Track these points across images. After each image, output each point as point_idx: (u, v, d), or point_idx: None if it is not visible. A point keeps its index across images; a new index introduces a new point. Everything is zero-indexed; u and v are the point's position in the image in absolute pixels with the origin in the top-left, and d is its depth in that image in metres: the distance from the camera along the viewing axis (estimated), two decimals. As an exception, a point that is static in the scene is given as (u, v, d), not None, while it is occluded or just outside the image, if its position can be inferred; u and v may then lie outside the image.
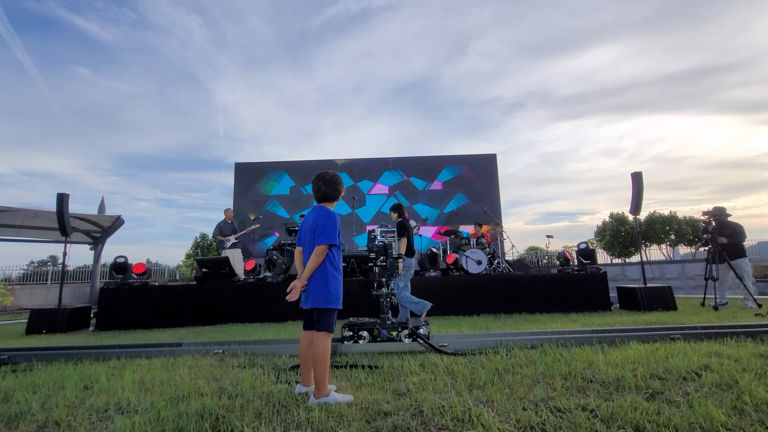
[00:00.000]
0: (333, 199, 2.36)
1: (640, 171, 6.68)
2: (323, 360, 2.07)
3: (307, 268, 2.16)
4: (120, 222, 13.75)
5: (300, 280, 2.17)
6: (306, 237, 2.27)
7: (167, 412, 1.91)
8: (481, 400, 1.99)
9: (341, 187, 2.38)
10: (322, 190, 2.32)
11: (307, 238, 2.26)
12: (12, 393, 2.38)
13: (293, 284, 2.17)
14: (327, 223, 2.19)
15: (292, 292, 2.15)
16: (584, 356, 2.77)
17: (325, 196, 2.33)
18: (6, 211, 10.61)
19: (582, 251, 6.72)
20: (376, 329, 3.52)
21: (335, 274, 2.22)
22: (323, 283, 2.17)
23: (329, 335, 2.15)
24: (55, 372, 2.91)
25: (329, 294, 2.16)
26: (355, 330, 3.53)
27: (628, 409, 1.76)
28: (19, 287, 13.67)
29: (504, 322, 5.11)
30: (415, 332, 3.44)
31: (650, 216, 17.49)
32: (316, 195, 2.35)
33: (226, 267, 6.47)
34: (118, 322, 5.94)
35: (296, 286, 2.15)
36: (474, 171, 13.69)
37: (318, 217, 2.22)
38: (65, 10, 46.90)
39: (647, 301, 5.88)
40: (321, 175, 2.35)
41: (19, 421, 1.92)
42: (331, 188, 2.32)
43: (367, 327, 3.55)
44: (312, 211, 2.33)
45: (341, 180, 2.40)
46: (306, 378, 2.22)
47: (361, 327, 3.55)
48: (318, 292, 2.15)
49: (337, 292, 2.20)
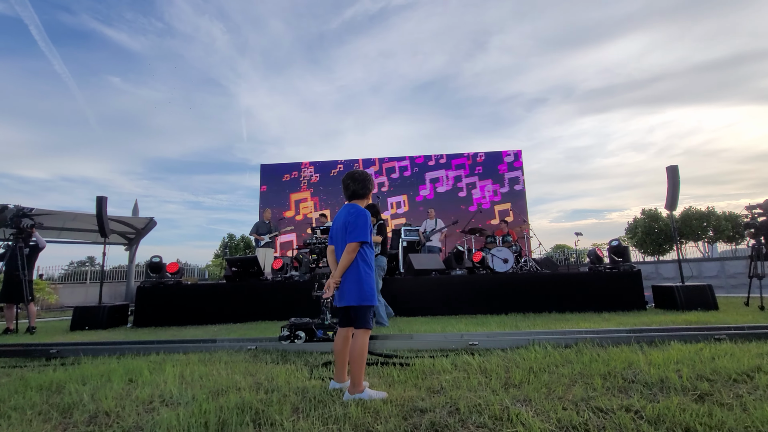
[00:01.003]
0: (363, 196, 2.37)
1: (676, 165, 6.40)
2: (360, 356, 2.09)
3: (339, 265, 2.18)
4: (153, 224, 14.30)
5: (333, 277, 2.19)
6: (338, 235, 2.29)
7: (209, 405, 1.97)
8: (518, 399, 1.95)
9: (370, 185, 2.39)
10: (351, 187, 2.34)
11: (338, 237, 2.28)
12: (64, 385, 2.52)
13: (327, 282, 2.20)
14: (358, 220, 2.20)
15: (327, 289, 2.17)
16: (623, 356, 2.67)
17: (355, 194, 2.34)
18: (48, 214, 11.22)
19: (614, 248, 6.50)
20: (312, 329, 3.62)
21: (368, 271, 2.22)
22: (357, 281, 2.17)
23: (367, 332, 2.16)
24: (101, 365, 3.05)
25: (363, 291, 2.17)
26: (293, 330, 3.62)
27: (675, 410, 1.69)
28: (61, 286, 14.43)
29: (534, 321, 5.00)
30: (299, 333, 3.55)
31: (686, 212, 16.71)
32: (345, 193, 2.37)
33: (255, 266, 6.62)
34: (154, 319, 6.18)
35: (330, 284, 2.18)
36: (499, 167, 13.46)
37: (349, 215, 2.24)
38: (97, 22, 49.19)
39: (685, 300, 5.63)
40: (350, 173, 2.37)
41: (73, 411, 2.03)
42: (360, 185, 2.34)
43: (305, 327, 3.64)
44: (343, 209, 2.35)
45: (371, 177, 2.42)
46: (340, 374, 2.24)
47: (299, 327, 3.64)
48: (352, 290, 2.17)
49: (371, 289, 2.20)
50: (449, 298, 6.21)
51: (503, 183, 13.42)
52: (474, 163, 13.72)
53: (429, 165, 13.89)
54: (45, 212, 10.85)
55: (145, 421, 1.84)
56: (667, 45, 48.81)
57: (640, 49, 49.42)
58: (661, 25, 47.10)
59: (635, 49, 50.26)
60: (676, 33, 47.34)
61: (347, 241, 2.17)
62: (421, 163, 13.95)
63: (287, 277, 6.62)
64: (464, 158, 13.82)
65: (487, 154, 13.77)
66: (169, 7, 51.26)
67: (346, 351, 2.21)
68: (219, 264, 19.11)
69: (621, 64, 51.62)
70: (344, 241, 2.20)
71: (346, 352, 2.21)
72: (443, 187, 13.67)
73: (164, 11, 50.38)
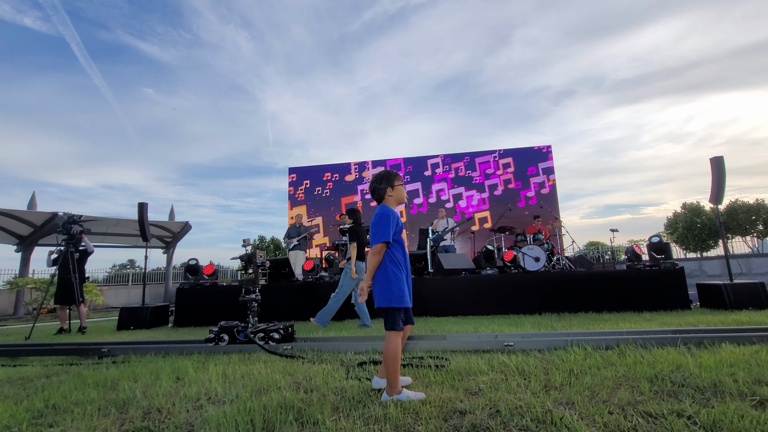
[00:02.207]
0: (381, 198, 2.34)
1: (721, 155, 6.04)
2: (393, 358, 2.09)
3: (368, 268, 2.21)
4: (188, 227, 14.91)
5: (365, 280, 2.22)
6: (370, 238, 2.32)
7: (252, 403, 2.04)
8: (561, 402, 1.91)
9: (385, 183, 2.32)
10: (371, 189, 2.37)
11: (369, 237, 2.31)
12: (117, 382, 2.67)
13: (361, 285, 2.23)
14: (379, 221, 2.21)
15: (362, 293, 2.20)
16: (670, 358, 2.56)
17: (374, 193, 2.36)
18: (94, 221, 11.92)
19: (654, 245, 6.21)
20: (235, 332, 3.75)
21: (397, 273, 2.19)
22: (385, 282, 2.18)
23: (397, 334, 2.15)
24: (149, 364, 3.22)
25: (392, 293, 2.16)
26: (218, 333, 3.78)
27: (733, 416, 1.61)
28: (106, 288, 15.27)
29: (570, 321, 4.86)
30: (248, 336, 3.68)
31: (732, 205, 15.74)
32: (372, 196, 2.40)
33: (286, 267, 6.78)
34: (192, 319, 6.45)
35: (363, 288, 2.21)
36: (527, 163, 13.15)
37: (373, 217, 2.27)
38: (131, 36, 51.79)
39: (734, 298, 5.31)
40: (374, 175, 2.40)
41: (128, 407, 2.16)
42: (373, 186, 2.36)
43: (229, 330, 3.77)
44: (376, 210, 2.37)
45: (388, 175, 2.34)
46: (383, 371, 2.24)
47: (224, 330, 3.78)
48: (381, 291, 2.18)
49: (400, 291, 2.17)
50: (480, 298, 6.14)
51: (532, 179, 13.10)
52: (501, 160, 13.46)
53: (456, 163, 13.74)
54: (91, 218, 11.53)
55: (194, 418, 1.93)
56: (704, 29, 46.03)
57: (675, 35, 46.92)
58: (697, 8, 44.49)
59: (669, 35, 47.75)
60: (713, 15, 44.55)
61: (371, 243, 2.21)
62: (448, 162, 13.82)
63: (317, 277, 6.74)
64: (490, 156, 13.58)
65: (515, 150, 13.47)
66: (196, 19, 53.30)
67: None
68: (250, 265, 19.61)
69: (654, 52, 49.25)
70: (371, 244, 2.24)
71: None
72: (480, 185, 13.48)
73: (192, 23, 52.53)
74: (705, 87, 53.59)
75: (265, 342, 3.72)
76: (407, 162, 14.04)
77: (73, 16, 44.98)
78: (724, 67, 50.29)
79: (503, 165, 13.40)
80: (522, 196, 13.01)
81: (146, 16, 55.58)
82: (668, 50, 47.89)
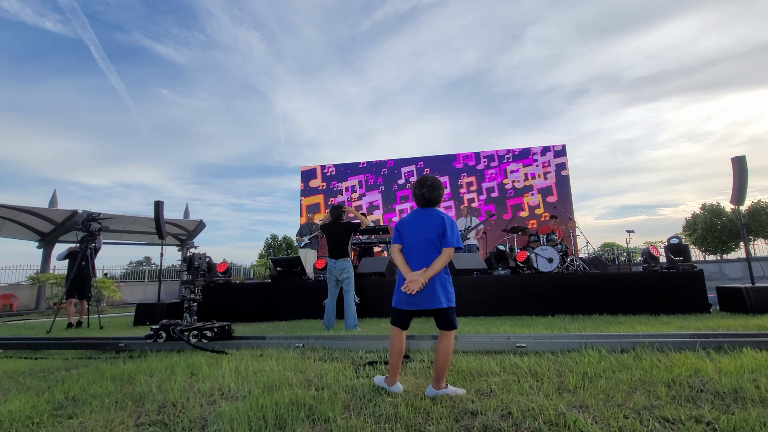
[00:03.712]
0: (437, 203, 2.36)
1: (743, 155, 5.86)
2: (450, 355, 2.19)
3: (435, 266, 2.15)
4: (202, 225, 15.15)
5: (425, 276, 2.14)
6: (424, 234, 2.24)
7: (265, 400, 2.07)
8: (574, 405, 1.88)
9: (443, 191, 2.38)
10: (425, 196, 2.31)
11: (424, 236, 2.24)
12: (134, 376, 2.74)
13: (416, 279, 2.12)
14: (454, 226, 2.26)
15: (413, 285, 2.12)
16: (688, 363, 2.50)
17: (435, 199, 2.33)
18: (112, 218, 12.21)
19: (673, 246, 6.06)
20: (171, 330, 3.87)
21: (448, 275, 2.28)
22: (448, 283, 2.24)
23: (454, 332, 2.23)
24: (164, 359, 3.28)
25: (450, 294, 2.23)
26: (157, 330, 3.92)
27: (755, 423, 1.56)
28: (123, 284, 15.62)
29: (584, 323, 4.78)
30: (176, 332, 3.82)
31: (754, 206, 15.27)
32: (420, 201, 2.33)
33: (298, 266, 6.83)
34: (205, 316, 6.53)
35: (419, 281, 2.12)
36: (540, 163, 12.99)
37: (446, 219, 2.25)
38: (147, 39, 52.86)
39: (756, 302, 5.15)
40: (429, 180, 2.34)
41: (144, 401, 2.21)
42: (436, 192, 2.32)
43: (166, 327, 3.92)
44: (425, 212, 2.31)
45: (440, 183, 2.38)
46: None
47: (163, 327, 3.93)
48: (446, 291, 2.21)
49: (453, 292, 2.26)
50: (492, 299, 6.09)
51: (546, 179, 12.93)
52: (514, 158, 13.32)
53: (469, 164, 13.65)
54: (109, 216, 11.82)
55: (208, 413, 1.97)
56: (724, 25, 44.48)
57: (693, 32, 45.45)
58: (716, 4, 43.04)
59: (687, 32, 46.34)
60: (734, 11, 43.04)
61: (450, 245, 2.19)
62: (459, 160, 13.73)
63: (329, 276, 6.77)
64: (503, 153, 13.45)
65: (528, 150, 13.32)
66: (210, 20, 54.11)
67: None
68: (263, 264, 19.88)
69: (671, 49, 47.80)
70: (433, 243, 2.21)
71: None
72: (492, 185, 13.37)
73: (206, 24, 53.33)
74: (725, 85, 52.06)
75: (198, 339, 3.86)
76: (428, 162, 14.00)
77: (91, 18, 46.18)
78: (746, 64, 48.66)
79: (517, 164, 13.26)
80: (535, 196, 12.85)
81: (161, 18, 56.70)
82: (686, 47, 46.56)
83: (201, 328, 3.93)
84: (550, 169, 12.95)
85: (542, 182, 12.90)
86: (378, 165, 14.31)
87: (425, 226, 2.25)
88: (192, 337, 3.86)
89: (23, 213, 11.40)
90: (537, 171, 13.05)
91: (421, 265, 2.19)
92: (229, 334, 4.10)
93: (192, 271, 4.26)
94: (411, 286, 2.12)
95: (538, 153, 13.18)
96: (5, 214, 11.22)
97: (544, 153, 13.13)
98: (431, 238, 2.21)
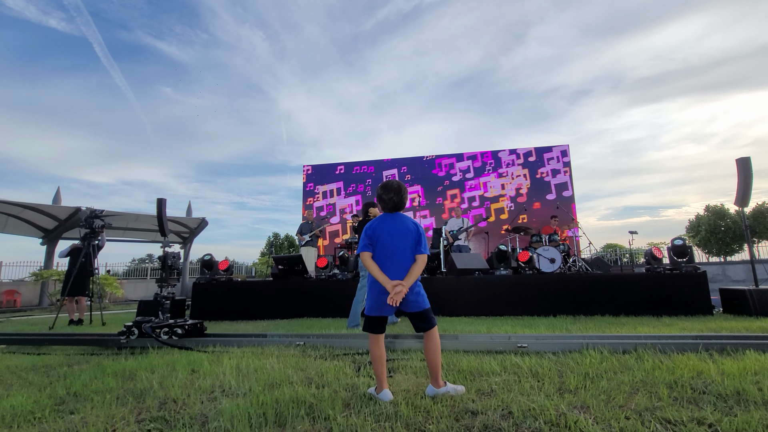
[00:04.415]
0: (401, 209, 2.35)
1: (748, 156, 5.82)
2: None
3: (414, 273, 2.18)
4: (204, 223, 15.19)
5: (406, 284, 2.14)
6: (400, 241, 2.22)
7: (265, 397, 2.07)
8: (575, 406, 1.87)
9: (407, 196, 2.37)
10: (394, 200, 2.29)
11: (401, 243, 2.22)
12: (135, 372, 2.75)
13: (401, 289, 2.11)
14: (424, 233, 2.31)
15: (398, 296, 2.10)
16: (690, 364, 2.48)
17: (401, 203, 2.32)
18: (115, 216, 12.25)
19: (677, 248, 6.03)
20: (143, 327, 3.89)
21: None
22: (420, 286, 2.29)
23: None
24: (166, 356, 3.29)
25: (425, 295, 2.29)
26: (129, 327, 3.97)
27: (757, 426, 1.55)
28: (126, 281, 15.69)
29: (585, 324, 4.76)
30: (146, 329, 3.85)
31: (758, 208, 15.18)
32: (388, 204, 2.31)
33: (300, 264, 6.84)
34: (208, 313, 6.56)
35: (403, 291, 2.12)
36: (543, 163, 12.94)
37: (417, 226, 2.28)
38: (151, 37, 53.03)
39: (760, 304, 5.12)
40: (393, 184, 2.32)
41: (145, 397, 2.21)
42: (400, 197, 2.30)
43: (139, 325, 3.95)
44: (395, 218, 2.30)
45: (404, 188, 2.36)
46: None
47: (136, 324, 3.97)
48: (422, 294, 2.26)
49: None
50: (493, 299, 6.08)
51: (549, 179, 12.89)
52: (518, 159, 13.28)
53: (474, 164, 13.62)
54: (112, 213, 11.86)
55: (208, 410, 1.97)
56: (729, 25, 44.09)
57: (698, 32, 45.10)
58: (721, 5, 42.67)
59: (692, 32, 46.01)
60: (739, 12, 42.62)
61: (425, 252, 2.23)
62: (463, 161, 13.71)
63: (331, 275, 6.78)
64: (505, 154, 13.41)
65: (531, 150, 13.27)
66: (213, 19, 54.24)
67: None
68: (265, 262, 19.92)
69: (675, 50, 47.47)
70: (410, 250, 2.22)
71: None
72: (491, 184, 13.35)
73: (209, 23, 53.47)
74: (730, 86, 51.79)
75: (169, 336, 3.90)
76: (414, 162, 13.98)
77: (95, 17, 46.35)
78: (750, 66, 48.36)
79: (519, 164, 13.23)
80: (538, 196, 12.82)
81: (165, 17, 56.88)
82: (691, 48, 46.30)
83: (172, 325, 3.99)
84: (553, 170, 12.88)
85: (544, 182, 12.84)
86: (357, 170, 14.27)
87: (400, 233, 2.23)
88: (163, 334, 3.91)
89: (27, 210, 11.45)
90: (539, 171, 12.98)
91: (398, 273, 2.17)
92: (201, 332, 4.16)
93: (165, 270, 4.34)
94: (396, 298, 2.10)
95: (540, 153, 13.12)
96: (9, 210, 11.28)
97: (547, 153, 13.07)
98: (407, 246, 2.21)
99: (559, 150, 13.02)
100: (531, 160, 13.12)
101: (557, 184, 12.76)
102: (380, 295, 2.18)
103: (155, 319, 4.11)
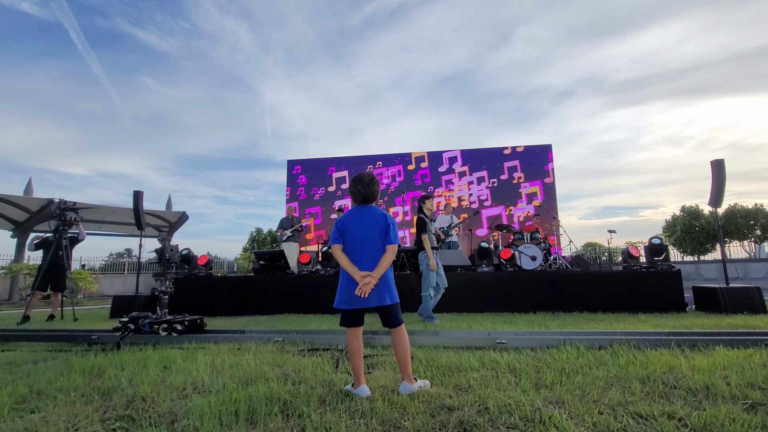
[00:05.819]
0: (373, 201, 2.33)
1: (722, 159, 6.00)
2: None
3: (384, 264, 2.14)
4: (185, 218, 14.85)
5: (375, 276, 2.10)
6: (369, 231, 2.20)
7: (239, 394, 2.01)
8: (550, 401, 1.88)
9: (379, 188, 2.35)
10: (362, 192, 2.27)
11: (369, 233, 2.20)
12: (104, 369, 2.64)
13: (369, 280, 2.08)
14: (395, 224, 2.27)
15: (367, 287, 2.07)
16: (663, 360, 2.54)
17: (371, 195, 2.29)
18: (90, 208, 11.86)
19: (654, 246, 6.18)
20: (140, 323, 3.82)
21: (392, 270, 2.29)
22: (391, 280, 2.22)
23: None
24: (138, 352, 3.19)
25: (395, 290, 2.21)
26: (125, 323, 3.84)
27: (724, 419, 1.58)
28: (102, 276, 15.22)
29: (564, 320, 4.84)
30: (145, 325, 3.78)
31: (731, 209, 15.73)
32: (357, 198, 2.29)
33: (282, 260, 6.75)
34: (186, 309, 6.38)
35: (372, 282, 2.08)
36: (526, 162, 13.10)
37: (387, 218, 2.23)
38: (130, 24, 51.39)
39: (730, 302, 5.30)
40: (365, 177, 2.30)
41: (112, 395, 2.13)
42: (372, 189, 2.29)
43: (135, 320, 3.86)
44: (365, 209, 2.27)
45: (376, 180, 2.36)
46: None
47: (132, 320, 3.87)
48: (390, 288, 2.18)
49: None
50: (475, 296, 6.12)
51: (531, 178, 13.06)
52: (504, 157, 13.40)
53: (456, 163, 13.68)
54: (87, 206, 11.47)
55: (178, 407, 1.90)
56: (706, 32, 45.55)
57: (677, 37, 46.41)
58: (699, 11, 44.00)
59: (671, 38, 47.33)
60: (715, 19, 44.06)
61: (394, 242, 2.19)
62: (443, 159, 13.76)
63: (313, 271, 6.71)
64: (490, 153, 13.52)
65: (514, 149, 13.41)
66: (195, 8, 52.94)
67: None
68: (247, 257, 19.63)
69: (655, 54, 48.75)
70: (379, 240, 2.19)
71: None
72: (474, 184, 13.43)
73: (191, 12, 52.17)
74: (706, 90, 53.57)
75: (168, 333, 3.78)
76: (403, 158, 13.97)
77: (70, 2, 44.63)
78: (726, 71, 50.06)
79: (503, 163, 13.34)
80: (521, 195, 12.97)
81: (144, 5, 55.18)
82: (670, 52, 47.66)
83: (171, 321, 3.84)
84: (536, 169, 13.04)
85: (527, 181, 13.00)
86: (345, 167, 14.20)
87: (369, 223, 2.21)
88: (162, 331, 3.78)
89: (-4, 201, 10.98)
90: (522, 170, 13.13)
91: (367, 263, 2.14)
92: (201, 328, 4.02)
93: (163, 263, 4.15)
94: (365, 289, 2.07)
95: (523, 152, 13.26)
96: (-23, 201, 10.78)
97: (530, 152, 13.23)
98: (376, 236, 2.19)
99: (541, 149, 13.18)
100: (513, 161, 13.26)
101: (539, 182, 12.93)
102: (350, 287, 2.14)
103: (152, 314, 3.96)
